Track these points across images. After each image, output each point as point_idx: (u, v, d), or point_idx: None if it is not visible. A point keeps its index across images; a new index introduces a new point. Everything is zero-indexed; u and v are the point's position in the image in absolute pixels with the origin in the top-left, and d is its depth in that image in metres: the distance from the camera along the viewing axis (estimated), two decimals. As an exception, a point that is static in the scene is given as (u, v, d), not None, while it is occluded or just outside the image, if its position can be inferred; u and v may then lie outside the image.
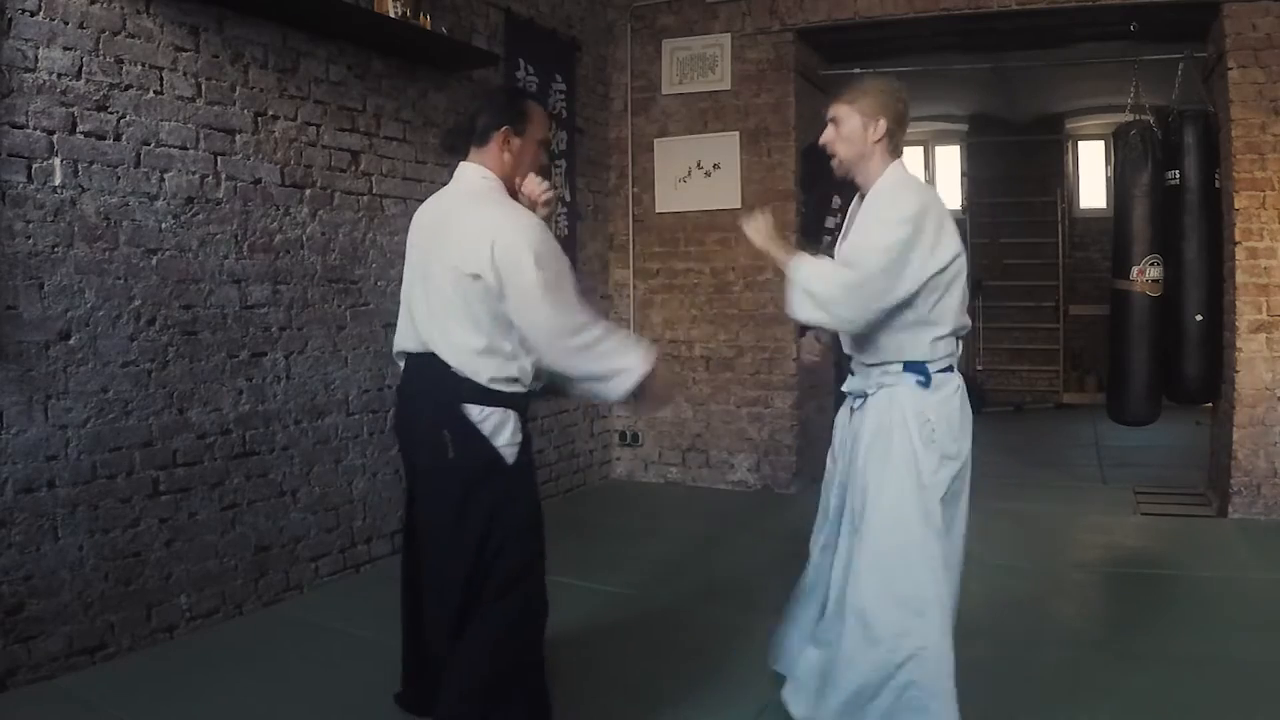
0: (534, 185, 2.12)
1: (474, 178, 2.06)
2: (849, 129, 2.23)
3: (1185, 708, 2.48)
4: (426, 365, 1.99)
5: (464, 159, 2.10)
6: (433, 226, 2.07)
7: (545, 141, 2.13)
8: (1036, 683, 2.63)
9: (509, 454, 1.96)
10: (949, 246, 2.13)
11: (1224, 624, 3.09)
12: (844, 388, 2.39)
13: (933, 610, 2.09)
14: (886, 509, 2.14)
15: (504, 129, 2.04)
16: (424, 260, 2.04)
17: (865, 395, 2.27)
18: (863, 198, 2.29)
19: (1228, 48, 4.31)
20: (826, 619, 2.34)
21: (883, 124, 2.21)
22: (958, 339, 2.24)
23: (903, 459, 2.14)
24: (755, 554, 3.94)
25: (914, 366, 2.17)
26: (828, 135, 2.28)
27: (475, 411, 1.93)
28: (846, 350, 2.34)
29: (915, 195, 2.18)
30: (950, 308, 2.17)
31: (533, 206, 2.11)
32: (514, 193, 2.10)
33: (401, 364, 2.13)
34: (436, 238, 2.03)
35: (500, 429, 1.96)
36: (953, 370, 2.22)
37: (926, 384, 2.16)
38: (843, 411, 2.42)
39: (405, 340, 2.09)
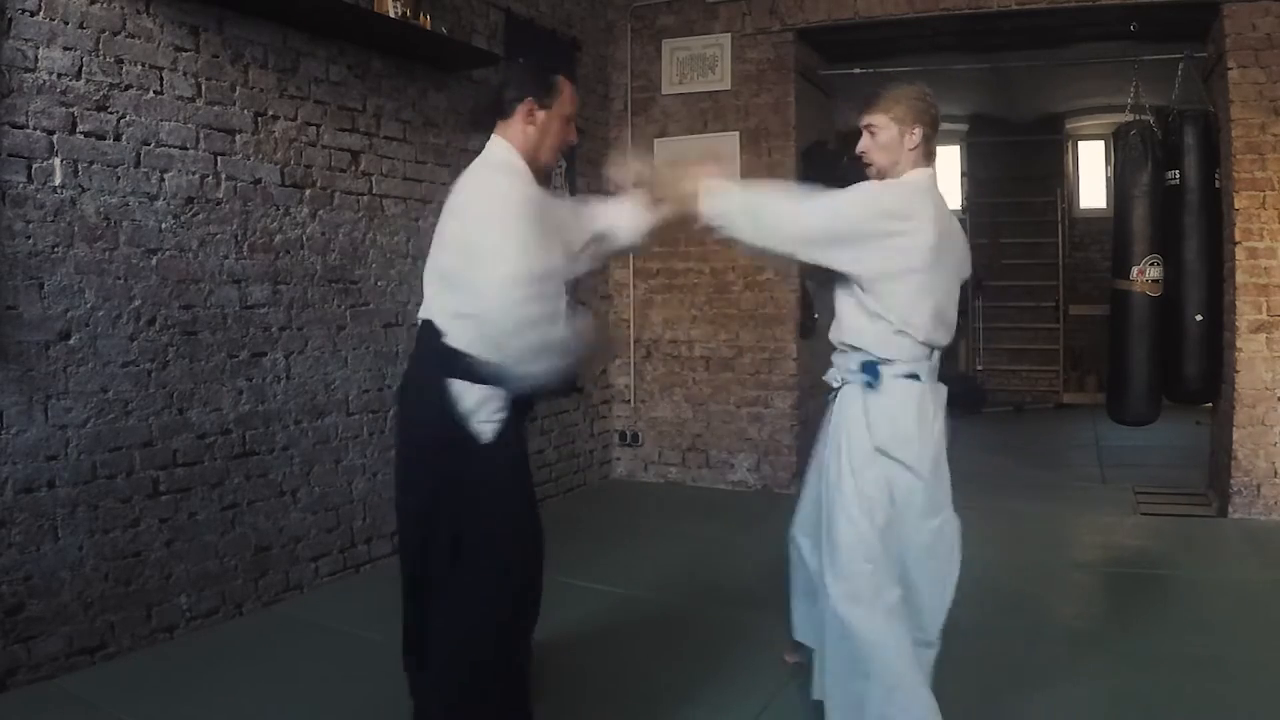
0: None
1: (494, 149, 2.01)
2: (886, 138, 2.24)
3: (1184, 708, 2.49)
4: (425, 333, 1.96)
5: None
6: (452, 198, 2.03)
7: (572, 117, 2.05)
8: (1035, 682, 2.63)
9: (485, 430, 1.88)
10: (905, 254, 2.13)
11: (1224, 624, 3.09)
12: (824, 376, 2.43)
13: (872, 602, 2.13)
14: (838, 503, 2.20)
15: (528, 100, 1.98)
16: (439, 231, 2.01)
17: (835, 389, 2.33)
18: None
19: (1228, 48, 4.31)
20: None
21: (919, 131, 2.23)
22: (932, 349, 2.23)
23: (846, 453, 2.20)
24: (755, 554, 3.93)
25: (869, 367, 2.20)
26: (865, 144, 2.29)
27: (456, 386, 1.87)
28: (830, 334, 2.38)
29: (899, 192, 2.19)
30: (921, 312, 2.16)
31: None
32: (541, 171, 2.03)
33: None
34: (449, 207, 1.99)
35: (479, 405, 1.88)
36: (918, 379, 2.20)
37: (873, 386, 2.19)
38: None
39: (422, 309, 2.04)
